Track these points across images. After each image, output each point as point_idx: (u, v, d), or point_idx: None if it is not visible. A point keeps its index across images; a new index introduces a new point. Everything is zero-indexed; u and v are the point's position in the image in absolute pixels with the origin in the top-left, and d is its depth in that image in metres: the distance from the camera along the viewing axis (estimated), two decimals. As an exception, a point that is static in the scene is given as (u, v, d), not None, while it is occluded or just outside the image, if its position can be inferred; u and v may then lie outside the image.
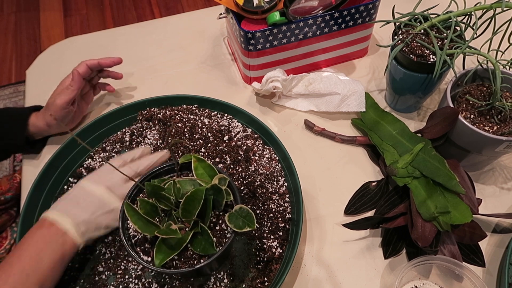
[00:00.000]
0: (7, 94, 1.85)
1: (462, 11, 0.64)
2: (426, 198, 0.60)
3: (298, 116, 0.80)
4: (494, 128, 0.61)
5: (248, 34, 0.72)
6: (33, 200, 0.64)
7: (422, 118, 0.79)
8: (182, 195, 0.52)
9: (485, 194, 0.69)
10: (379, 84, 0.84)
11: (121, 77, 0.79)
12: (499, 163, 0.72)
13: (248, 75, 0.82)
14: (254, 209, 0.64)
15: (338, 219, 0.67)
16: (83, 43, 0.96)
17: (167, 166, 0.59)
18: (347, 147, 0.76)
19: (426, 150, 0.65)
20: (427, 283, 0.59)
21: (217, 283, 0.57)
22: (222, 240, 0.53)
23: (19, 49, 2.04)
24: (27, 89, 0.87)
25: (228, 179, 0.53)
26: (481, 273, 0.61)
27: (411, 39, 0.66)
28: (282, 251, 0.61)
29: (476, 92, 0.66)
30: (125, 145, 0.73)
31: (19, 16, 2.20)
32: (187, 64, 0.90)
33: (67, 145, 0.69)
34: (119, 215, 0.54)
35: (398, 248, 0.63)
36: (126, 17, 2.19)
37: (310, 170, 0.72)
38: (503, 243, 0.64)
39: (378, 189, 0.68)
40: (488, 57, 0.61)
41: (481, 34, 0.66)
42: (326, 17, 0.74)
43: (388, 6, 0.73)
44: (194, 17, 1.01)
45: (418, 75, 0.67)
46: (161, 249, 0.50)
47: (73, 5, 2.25)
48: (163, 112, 0.76)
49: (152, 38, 0.96)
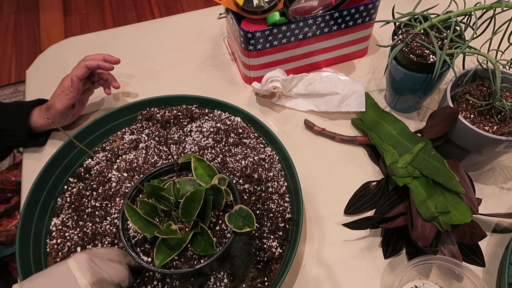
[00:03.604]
0: (7, 94, 1.85)
1: (462, 11, 0.64)
2: (426, 198, 0.60)
3: (298, 116, 0.80)
4: (494, 128, 0.61)
5: (248, 34, 0.72)
6: (33, 200, 0.64)
7: (422, 118, 0.79)
8: (182, 195, 0.52)
9: (485, 194, 0.69)
10: (379, 84, 0.84)
11: (119, 87, 0.79)
12: (499, 163, 0.72)
13: (248, 75, 0.82)
14: (254, 209, 0.64)
15: (338, 219, 0.67)
16: (83, 43, 0.96)
17: (166, 166, 0.59)
18: (347, 147, 0.76)
19: (426, 150, 0.65)
20: (427, 283, 0.59)
21: (217, 283, 0.57)
22: (222, 240, 0.53)
23: (19, 49, 2.04)
24: (27, 89, 0.87)
25: (228, 179, 0.53)
26: (481, 273, 0.61)
27: (411, 39, 0.66)
28: (282, 251, 0.61)
29: (476, 92, 0.66)
30: (125, 145, 0.73)
31: (19, 16, 2.20)
32: (187, 64, 0.90)
33: (67, 145, 0.69)
34: (119, 216, 0.54)
35: (398, 248, 0.63)
36: (126, 17, 2.18)
37: (310, 170, 0.72)
38: (503, 243, 0.64)
39: (378, 189, 0.68)
40: (488, 57, 0.61)
41: (481, 34, 0.66)
42: (326, 17, 0.74)
43: (388, 6, 0.73)
44: (194, 17, 1.00)
45: (418, 75, 0.67)
46: (161, 250, 0.50)
47: (73, 5, 2.25)
48: (163, 112, 0.76)
49: (152, 38, 0.96)
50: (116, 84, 0.78)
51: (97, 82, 0.79)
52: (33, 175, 0.66)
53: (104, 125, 0.74)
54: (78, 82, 0.70)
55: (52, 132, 0.78)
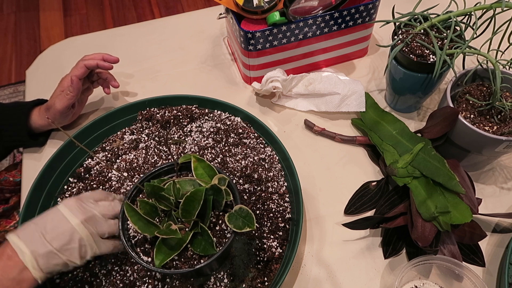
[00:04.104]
0: (7, 94, 1.85)
1: (462, 11, 0.64)
2: (426, 198, 0.60)
3: (298, 116, 0.80)
4: (494, 128, 0.61)
5: (248, 34, 0.72)
6: (33, 200, 0.64)
7: (422, 118, 0.79)
8: (182, 195, 0.52)
9: (485, 194, 0.69)
10: (379, 84, 0.84)
11: (118, 86, 0.79)
12: (499, 163, 0.72)
13: (248, 75, 0.82)
14: (254, 209, 0.64)
15: (338, 219, 0.67)
16: (83, 43, 0.96)
17: (166, 166, 0.59)
18: (347, 147, 0.76)
19: (426, 150, 0.65)
20: (427, 283, 0.59)
21: (217, 283, 0.57)
22: (222, 240, 0.53)
23: (19, 49, 2.04)
24: (27, 89, 0.87)
25: (228, 179, 0.53)
26: (481, 273, 0.61)
27: (411, 39, 0.66)
28: (282, 251, 0.61)
29: (476, 92, 0.66)
30: (125, 145, 0.73)
31: (19, 16, 2.20)
32: (187, 64, 0.90)
33: (67, 145, 0.69)
34: (119, 216, 0.54)
35: (398, 248, 0.63)
36: (126, 17, 2.18)
37: (310, 170, 0.72)
38: (503, 243, 0.63)
39: (378, 189, 0.68)
40: (488, 57, 0.61)
41: (481, 34, 0.66)
42: (326, 17, 0.74)
43: (388, 6, 0.73)
44: (194, 17, 1.00)
45: (418, 75, 0.67)
46: (161, 250, 0.50)
47: (73, 5, 2.25)
48: (163, 112, 0.76)
49: (152, 38, 0.96)
50: (115, 83, 0.78)
51: (96, 81, 0.79)
52: (33, 175, 0.66)
53: (104, 125, 0.74)
54: (78, 81, 0.70)
55: (52, 132, 0.78)
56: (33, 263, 0.49)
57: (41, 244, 0.49)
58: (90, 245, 0.52)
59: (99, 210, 0.54)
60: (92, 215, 0.53)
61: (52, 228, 0.51)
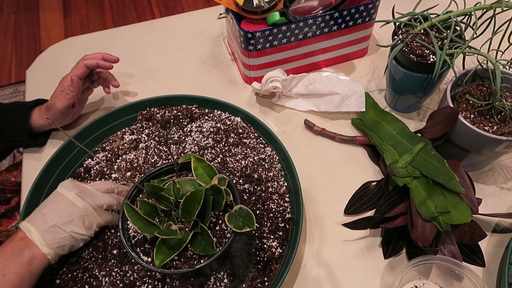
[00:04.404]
0: (7, 94, 1.85)
1: (462, 11, 0.64)
2: (426, 198, 0.60)
3: (298, 116, 0.80)
4: (494, 128, 0.61)
5: (248, 34, 0.72)
6: (33, 200, 0.64)
7: (422, 118, 0.79)
8: (182, 195, 0.52)
9: (485, 194, 0.69)
10: (379, 84, 0.84)
11: (118, 86, 0.79)
12: (499, 163, 0.72)
13: (248, 75, 0.82)
14: (254, 209, 0.64)
15: (338, 219, 0.67)
16: (83, 43, 0.96)
17: (166, 166, 0.59)
18: (347, 147, 0.76)
19: (426, 150, 0.65)
20: (427, 283, 0.59)
21: (217, 283, 0.57)
22: (222, 240, 0.53)
23: (19, 49, 2.04)
24: (27, 89, 0.87)
25: (228, 179, 0.53)
26: (481, 273, 0.61)
27: (411, 39, 0.66)
28: (282, 251, 0.61)
29: (476, 92, 0.66)
30: (125, 145, 0.73)
31: (19, 16, 2.20)
32: (187, 64, 0.90)
33: (67, 145, 0.69)
34: (119, 216, 0.54)
35: (398, 248, 0.63)
36: (126, 17, 2.18)
37: (310, 170, 0.72)
38: (503, 243, 0.64)
39: (378, 189, 0.68)
40: (488, 57, 0.61)
41: (481, 34, 0.66)
42: (326, 17, 0.74)
43: (388, 6, 0.73)
44: (194, 17, 1.00)
45: (418, 75, 0.67)
46: (161, 250, 0.50)
47: (73, 5, 2.25)
48: (163, 112, 0.76)
49: (152, 38, 0.96)
50: (115, 83, 0.78)
51: (96, 81, 0.79)
52: (33, 175, 0.66)
53: (104, 125, 0.74)
54: (78, 81, 0.70)
55: (52, 132, 0.78)
56: (40, 240, 0.52)
57: (44, 221, 0.54)
58: (92, 215, 0.56)
59: (92, 185, 0.59)
60: (86, 189, 0.58)
61: (52, 205, 0.56)
